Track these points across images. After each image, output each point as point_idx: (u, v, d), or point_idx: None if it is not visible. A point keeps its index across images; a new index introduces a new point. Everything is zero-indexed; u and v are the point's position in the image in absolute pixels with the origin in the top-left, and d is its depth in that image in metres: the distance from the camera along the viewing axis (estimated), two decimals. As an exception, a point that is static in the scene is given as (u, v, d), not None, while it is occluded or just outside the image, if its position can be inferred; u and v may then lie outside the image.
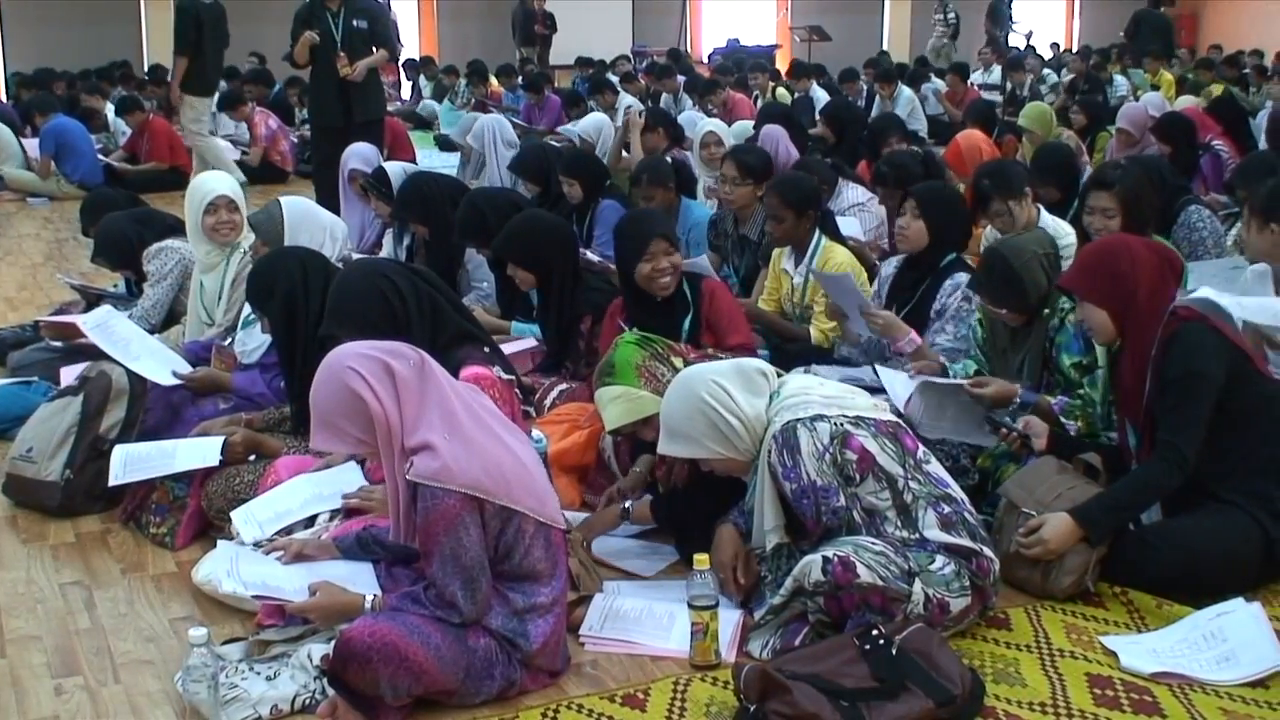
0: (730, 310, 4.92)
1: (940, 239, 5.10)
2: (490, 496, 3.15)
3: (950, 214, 5.17)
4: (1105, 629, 3.68)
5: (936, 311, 5.00)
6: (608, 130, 9.79)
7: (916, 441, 3.65)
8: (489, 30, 23.71)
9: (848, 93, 15.38)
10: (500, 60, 19.80)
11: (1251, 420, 3.86)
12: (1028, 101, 12.77)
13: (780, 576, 3.57)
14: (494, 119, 10.03)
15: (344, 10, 9.53)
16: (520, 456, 3.29)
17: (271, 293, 4.48)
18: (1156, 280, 3.91)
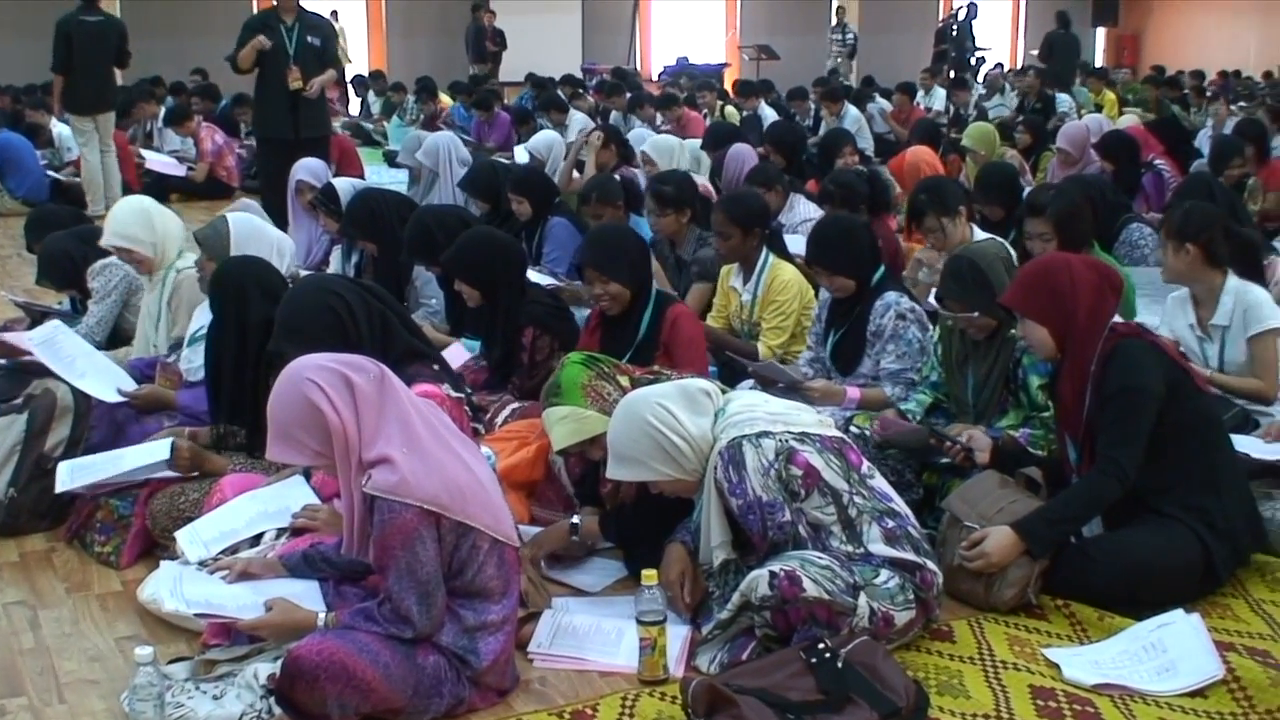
0: (691, 339, 4.92)
1: (862, 275, 5.07)
2: (447, 512, 3.15)
3: (847, 245, 5.06)
4: (1048, 641, 3.73)
5: (873, 333, 5.02)
6: (558, 148, 9.82)
7: (861, 457, 3.69)
8: (439, 46, 23.69)
9: (795, 111, 15.49)
10: (451, 76, 19.83)
11: (1190, 435, 3.93)
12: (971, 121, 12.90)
13: (728, 592, 3.60)
14: (448, 136, 10.03)
15: (299, 26, 9.53)
16: (476, 473, 3.30)
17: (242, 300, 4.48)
18: (1096, 297, 3.97)
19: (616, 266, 4.94)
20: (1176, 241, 4.93)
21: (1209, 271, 4.93)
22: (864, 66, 24.04)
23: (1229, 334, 4.91)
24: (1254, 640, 3.73)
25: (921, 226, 5.98)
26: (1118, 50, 28.90)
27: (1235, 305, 4.89)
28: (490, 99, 15.34)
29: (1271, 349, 4.82)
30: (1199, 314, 5.01)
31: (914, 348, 4.90)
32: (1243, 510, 4.03)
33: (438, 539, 3.16)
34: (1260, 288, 4.98)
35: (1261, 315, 4.83)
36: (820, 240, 5.15)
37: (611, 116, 14.66)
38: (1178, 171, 9.23)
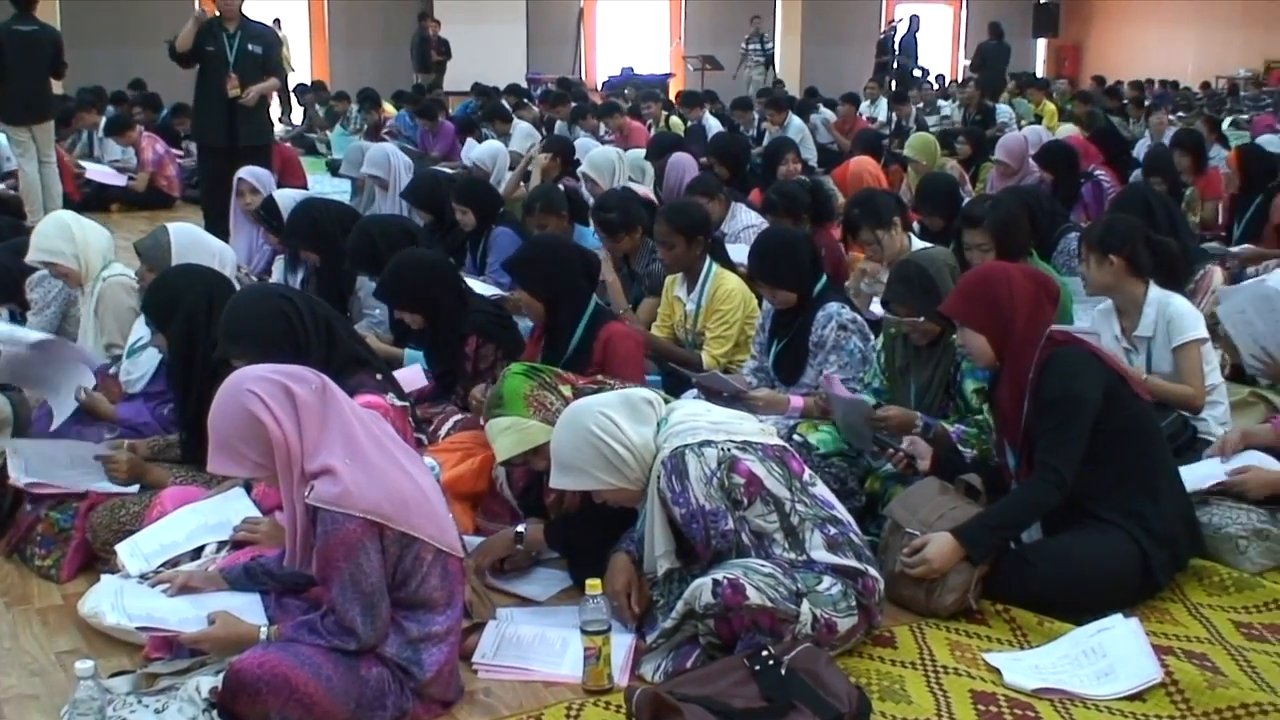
0: (626, 358, 4.85)
1: (803, 287, 5.11)
2: (391, 522, 3.14)
3: (788, 258, 5.11)
4: (989, 646, 3.77)
5: (815, 343, 5.06)
6: (502, 158, 9.82)
7: (803, 465, 3.72)
8: (383, 55, 23.63)
9: (739, 121, 15.56)
10: (395, 85, 19.77)
11: (1127, 441, 3.98)
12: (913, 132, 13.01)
13: (672, 600, 3.61)
14: (392, 146, 10.01)
15: (240, 33, 9.50)
16: (420, 483, 3.30)
17: (173, 312, 4.40)
18: (1033, 306, 4.03)
19: (530, 277, 4.93)
20: (1099, 254, 4.99)
21: (1132, 283, 4.99)
22: (808, 77, 24.26)
23: (1153, 344, 4.98)
24: (1192, 644, 3.78)
25: (857, 239, 6.04)
26: (1058, 61, 29.24)
27: (1158, 316, 4.95)
28: (435, 108, 15.32)
29: (1196, 358, 4.89)
30: (1123, 324, 5.08)
31: (856, 358, 4.94)
32: (1180, 515, 4.09)
33: (381, 550, 3.15)
34: (1182, 299, 5.04)
35: (1184, 326, 4.89)
36: (761, 254, 5.18)
37: (556, 126, 14.68)
38: (1117, 181, 9.35)
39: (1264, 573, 4.19)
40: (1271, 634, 3.85)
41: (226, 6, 9.52)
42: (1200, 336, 4.90)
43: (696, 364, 5.77)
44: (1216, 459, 4.55)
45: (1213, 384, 4.99)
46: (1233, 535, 4.24)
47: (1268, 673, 3.60)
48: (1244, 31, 24.52)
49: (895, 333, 4.71)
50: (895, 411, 4.49)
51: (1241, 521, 4.27)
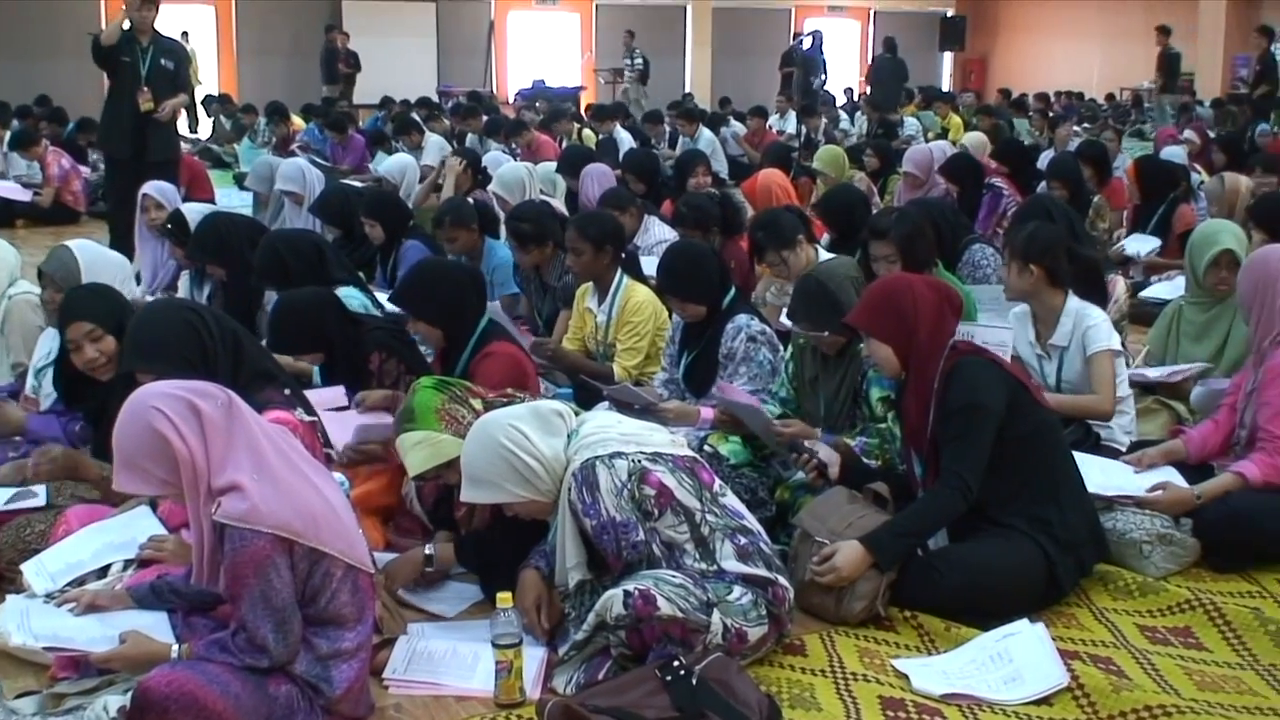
0: (494, 378, 4.67)
1: (712, 301, 5.15)
2: (299, 538, 3.12)
3: (697, 273, 5.15)
4: (897, 652, 3.81)
5: (724, 355, 5.09)
6: (411, 171, 9.78)
7: (713, 475, 3.74)
8: (292, 67, 23.47)
9: (651, 134, 15.62)
10: (304, 98, 19.63)
11: (1030, 448, 4.05)
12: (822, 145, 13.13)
13: (583, 612, 3.61)
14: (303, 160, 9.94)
15: (153, 48, 9.40)
16: (329, 498, 3.27)
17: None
18: (937, 317, 4.09)
19: (422, 307, 4.88)
20: (1020, 262, 5.07)
21: (1051, 292, 5.08)
22: (718, 90, 24.39)
23: (1067, 354, 5.07)
24: (1098, 648, 3.84)
25: (763, 261, 6.10)
26: (964, 74, 29.63)
27: (1074, 327, 5.04)
28: (344, 121, 15.22)
29: (1108, 368, 4.98)
30: (1038, 330, 5.17)
31: (765, 369, 4.98)
32: (1084, 521, 4.15)
33: (291, 566, 3.13)
34: (1098, 310, 5.13)
35: (1099, 337, 4.98)
36: (669, 269, 5.21)
37: (467, 139, 14.65)
38: (1018, 193, 9.49)
39: (1168, 577, 4.27)
40: (1175, 637, 3.93)
41: (140, 20, 9.41)
42: (1114, 348, 5.00)
43: (608, 376, 5.78)
44: (1130, 467, 4.64)
45: (1122, 395, 5.10)
46: (1137, 540, 4.31)
47: (1171, 675, 3.67)
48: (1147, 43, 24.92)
49: (804, 344, 4.76)
50: (797, 426, 4.54)
51: (1145, 527, 4.34)
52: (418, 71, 24.03)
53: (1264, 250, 4.75)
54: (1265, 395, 4.43)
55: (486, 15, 25.82)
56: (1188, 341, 5.65)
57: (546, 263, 6.64)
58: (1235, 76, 24.62)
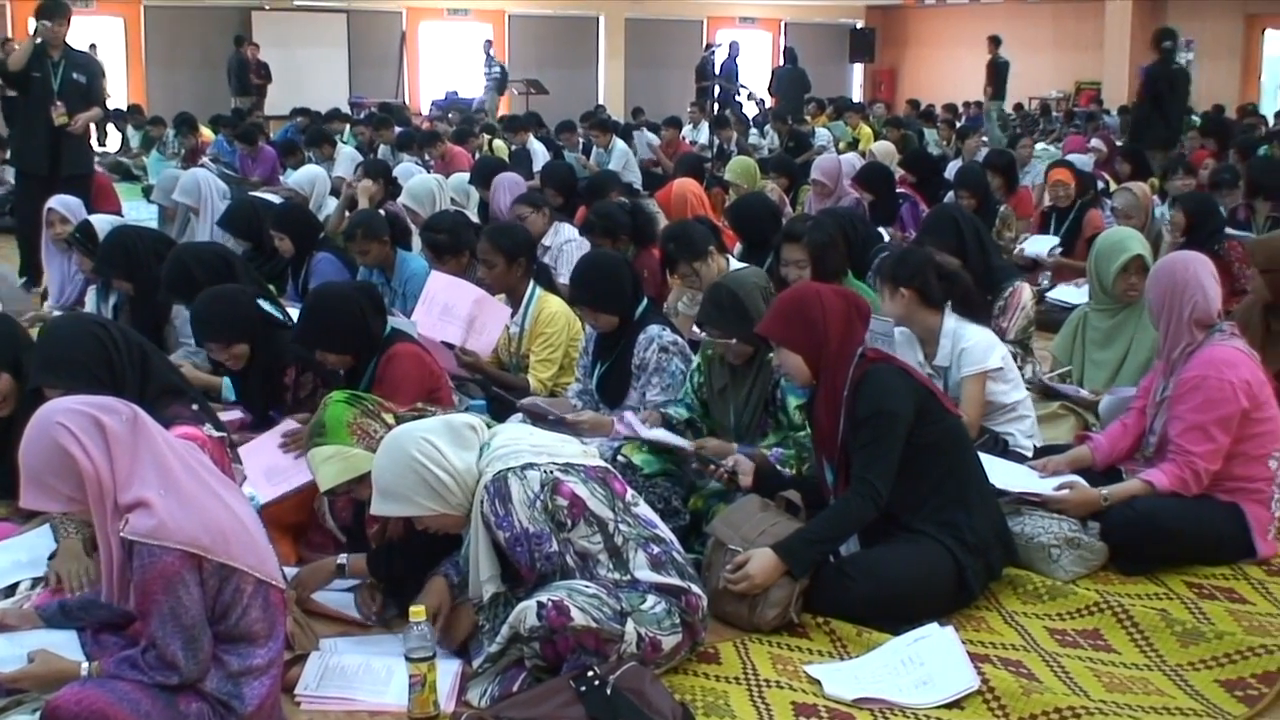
0: (402, 377, 4.73)
1: (625, 311, 5.16)
2: (208, 554, 3.08)
3: (610, 283, 5.16)
4: (810, 658, 3.83)
5: (637, 366, 5.11)
6: (322, 183, 9.69)
7: (625, 486, 3.75)
8: (202, 78, 23.20)
9: (565, 145, 15.62)
10: (214, 109, 19.41)
11: (939, 454, 4.09)
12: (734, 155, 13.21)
13: (497, 624, 3.60)
14: (204, 172, 9.83)
15: (64, 62, 9.27)
16: (238, 513, 3.24)
17: None
18: (845, 325, 4.13)
19: (328, 340, 4.80)
20: (891, 286, 5.12)
21: (926, 313, 5.14)
22: (631, 100, 24.47)
23: (949, 374, 5.14)
24: (1007, 651, 3.89)
25: (675, 273, 6.12)
26: (874, 85, 29.93)
27: (953, 348, 5.11)
28: (254, 132, 15.07)
29: (976, 391, 5.06)
30: (926, 352, 5.23)
31: (677, 379, 5.00)
32: (993, 525, 4.20)
33: (200, 582, 3.09)
34: (977, 330, 5.17)
35: (972, 359, 5.05)
36: (582, 280, 5.22)
37: (380, 151, 14.56)
38: (925, 202, 9.63)
39: (1076, 580, 4.33)
40: (1084, 639, 3.98)
41: (52, 34, 9.28)
42: (987, 369, 5.05)
43: (522, 387, 5.78)
44: (1036, 473, 4.71)
45: (1017, 399, 5.17)
46: (1045, 544, 4.37)
47: (1081, 678, 3.72)
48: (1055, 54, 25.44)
49: (712, 354, 4.79)
50: (713, 444, 4.56)
51: (1053, 530, 4.41)
52: (329, 82, 23.86)
53: (1171, 259, 4.81)
54: (1177, 409, 4.49)
55: (398, 26, 25.70)
56: (1093, 348, 5.75)
57: (462, 274, 6.61)
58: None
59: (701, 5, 27.92)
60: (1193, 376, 4.44)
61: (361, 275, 6.93)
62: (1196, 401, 4.41)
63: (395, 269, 6.95)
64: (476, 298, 5.93)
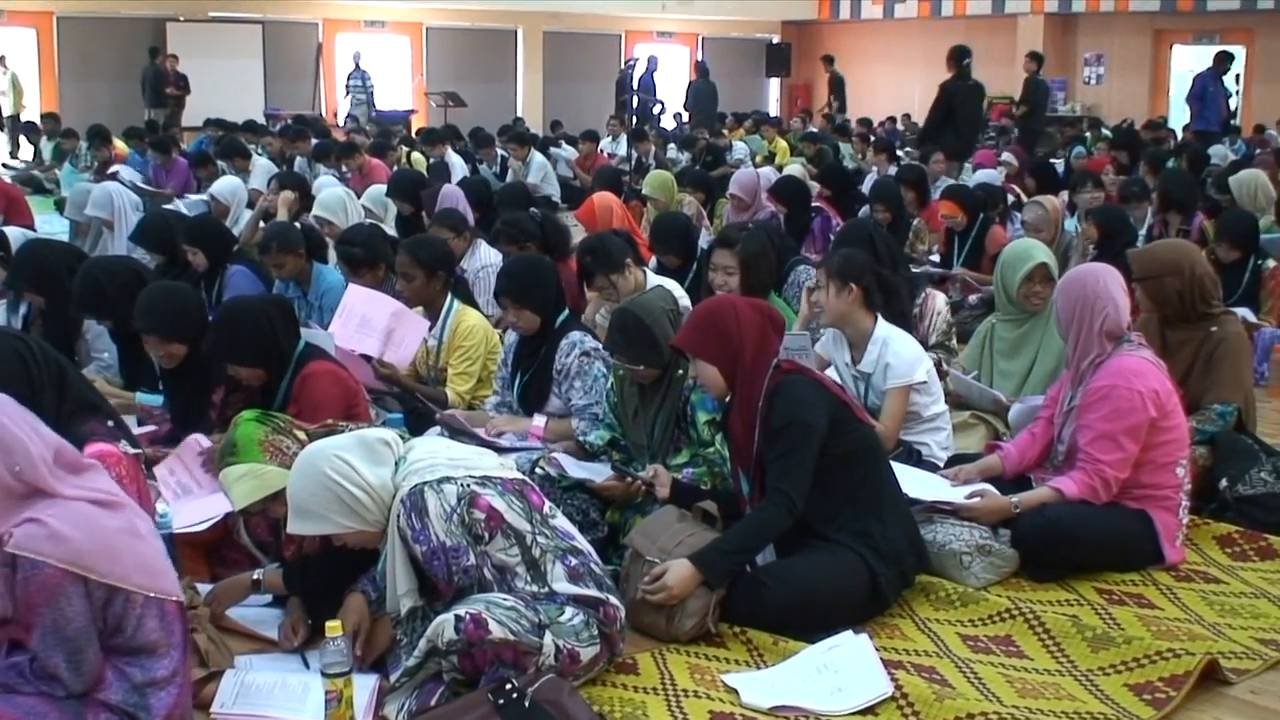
0: (321, 397, 4.66)
1: (547, 313, 5.18)
2: (91, 573, 3.03)
3: (536, 278, 5.21)
4: (727, 667, 3.86)
5: (559, 372, 5.14)
6: (241, 194, 9.61)
7: (543, 498, 3.76)
8: (116, 90, 22.88)
9: (483, 158, 15.59)
10: (129, 121, 19.17)
11: (852, 464, 4.14)
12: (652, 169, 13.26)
13: (415, 638, 3.59)
14: (116, 186, 9.71)
15: None
16: (135, 527, 3.19)
17: None
18: (760, 337, 4.17)
19: (238, 353, 4.75)
20: (840, 281, 5.17)
21: (862, 315, 5.21)
22: (549, 113, 24.50)
23: (873, 380, 5.21)
24: (921, 658, 3.94)
25: (592, 286, 6.14)
26: (791, 99, 30.14)
27: (879, 357, 5.18)
28: (169, 143, 14.93)
29: (900, 401, 5.13)
30: (853, 355, 5.29)
31: (600, 383, 5.03)
32: (905, 534, 4.26)
33: (86, 595, 3.06)
34: (904, 341, 5.25)
35: (896, 372, 5.13)
36: (510, 274, 5.25)
37: (296, 163, 14.46)
38: (840, 216, 9.72)
39: (988, 587, 4.39)
40: (996, 645, 4.04)
41: None
42: (910, 382, 5.13)
43: (441, 401, 5.77)
44: (948, 481, 4.77)
45: (938, 411, 5.25)
46: (957, 551, 4.43)
47: (993, 683, 3.77)
48: (967, 69, 25.80)
49: (623, 374, 4.82)
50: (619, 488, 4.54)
51: (965, 538, 4.47)
52: (244, 93, 23.63)
53: (1081, 270, 4.88)
54: (1085, 418, 4.56)
55: (314, 37, 25.50)
56: (1001, 358, 5.84)
57: (378, 286, 6.58)
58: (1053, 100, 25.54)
59: (620, 19, 27.98)
60: (1101, 386, 4.52)
61: (277, 288, 6.89)
62: (1105, 411, 4.49)
63: (311, 282, 6.90)
64: (394, 310, 5.92)
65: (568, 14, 26.52)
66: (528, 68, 27.23)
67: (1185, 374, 5.13)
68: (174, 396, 5.32)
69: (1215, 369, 5.22)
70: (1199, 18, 23.51)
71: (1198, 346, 5.25)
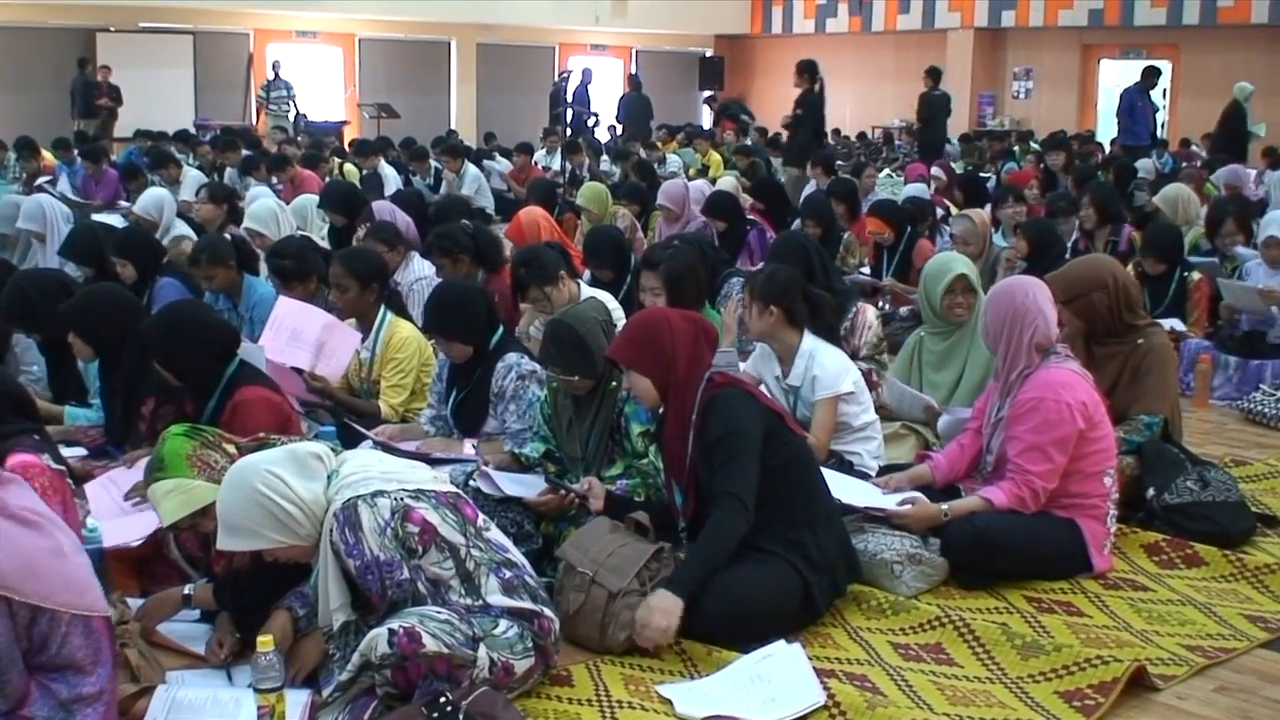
0: (255, 426, 4.52)
1: (480, 341, 5.16)
2: (14, 593, 3.00)
3: (464, 312, 5.15)
4: (661, 678, 3.86)
5: (495, 394, 5.12)
6: (169, 206, 9.49)
7: (476, 510, 3.75)
8: (46, 101, 22.57)
9: (416, 170, 15.54)
10: (57, 133, 18.89)
11: (785, 475, 4.17)
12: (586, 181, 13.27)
13: (348, 653, 3.56)
14: (48, 198, 9.59)
15: None
16: (59, 544, 3.16)
17: None
18: (693, 349, 4.20)
19: (171, 360, 4.72)
20: (761, 304, 5.22)
21: (787, 332, 5.26)
22: (484, 126, 24.45)
23: (801, 393, 5.26)
24: (853, 666, 3.97)
25: (526, 298, 6.14)
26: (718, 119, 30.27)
27: (807, 370, 5.23)
28: (99, 154, 14.76)
29: (829, 412, 5.19)
30: (782, 369, 5.33)
31: (535, 406, 5.01)
32: (838, 544, 4.29)
33: (10, 615, 3.02)
34: (831, 353, 5.30)
35: (824, 384, 5.19)
36: (435, 308, 5.20)
37: (226, 174, 14.35)
38: (773, 228, 9.78)
39: (919, 595, 4.44)
40: (927, 653, 4.08)
41: None
42: (838, 393, 5.18)
43: (374, 413, 5.74)
44: (879, 490, 4.81)
45: (868, 420, 5.30)
46: (888, 560, 4.47)
47: (924, 691, 3.81)
48: (896, 84, 25.94)
49: (556, 386, 4.82)
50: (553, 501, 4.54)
51: (896, 547, 4.51)
52: (175, 104, 23.39)
53: (1009, 284, 4.92)
54: (1015, 430, 4.61)
55: (245, 48, 25.30)
56: (930, 370, 5.90)
57: (309, 299, 6.55)
58: (981, 114, 25.82)
59: (553, 31, 27.97)
60: (1030, 398, 4.58)
61: (208, 301, 6.83)
62: (1035, 423, 4.55)
63: (242, 294, 6.85)
64: (326, 323, 5.89)
65: (501, 26, 26.48)
66: (461, 79, 27.15)
67: (1112, 386, 5.19)
68: (109, 403, 5.26)
69: (1142, 380, 5.30)
70: (1126, 32, 23.85)
71: (1125, 359, 5.32)
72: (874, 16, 27.20)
